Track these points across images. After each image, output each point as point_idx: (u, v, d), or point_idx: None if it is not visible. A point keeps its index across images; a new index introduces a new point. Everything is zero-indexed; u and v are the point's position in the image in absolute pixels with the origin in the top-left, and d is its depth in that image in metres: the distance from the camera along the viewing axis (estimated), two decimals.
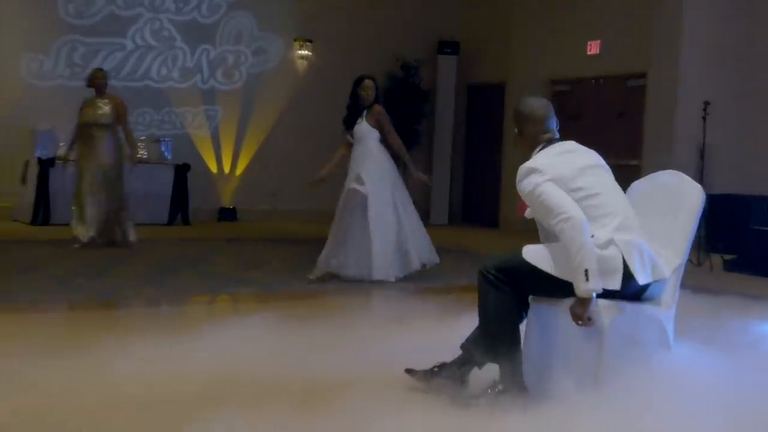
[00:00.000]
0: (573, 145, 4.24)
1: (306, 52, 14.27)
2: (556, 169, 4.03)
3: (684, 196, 4.33)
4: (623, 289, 3.94)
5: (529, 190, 4.03)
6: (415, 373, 4.28)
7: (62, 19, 12.69)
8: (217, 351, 4.83)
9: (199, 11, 13.60)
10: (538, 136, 4.23)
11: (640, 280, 3.95)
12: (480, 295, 4.09)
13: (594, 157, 4.24)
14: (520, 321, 4.14)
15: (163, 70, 13.41)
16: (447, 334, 4.90)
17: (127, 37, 13.15)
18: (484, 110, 15.16)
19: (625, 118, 12.55)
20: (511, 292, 4.03)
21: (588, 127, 12.68)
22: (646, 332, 4.11)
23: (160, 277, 7.96)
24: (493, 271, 4.04)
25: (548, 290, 4.05)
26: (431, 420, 3.85)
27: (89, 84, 10.01)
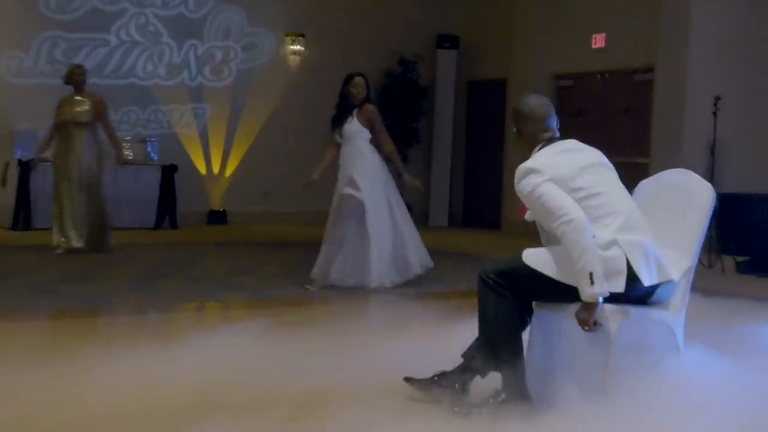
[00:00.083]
0: (574, 144, 4.25)
1: (298, 47, 14.27)
2: (556, 169, 4.04)
3: (693, 196, 4.35)
4: (628, 291, 3.95)
5: (528, 191, 4.04)
6: (415, 382, 4.28)
7: (42, 14, 12.68)
8: (207, 359, 4.84)
9: (186, 5, 13.59)
10: (538, 136, 4.24)
11: (645, 282, 3.95)
12: (480, 301, 4.10)
13: (596, 156, 4.25)
14: (522, 327, 4.16)
15: (149, 67, 13.40)
16: (447, 341, 4.92)
17: (111, 33, 13.13)
18: (485, 107, 15.17)
19: (632, 114, 12.57)
20: (512, 298, 4.04)
21: (593, 124, 12.70)
22: (655, 337, 4.12)
23: (148, 283, 7.97)
24: (493, 276, 4.05)
25: (551, 295, 4.06)
26: (431, 430, 3.86)
27: (67, 81, 9.98)
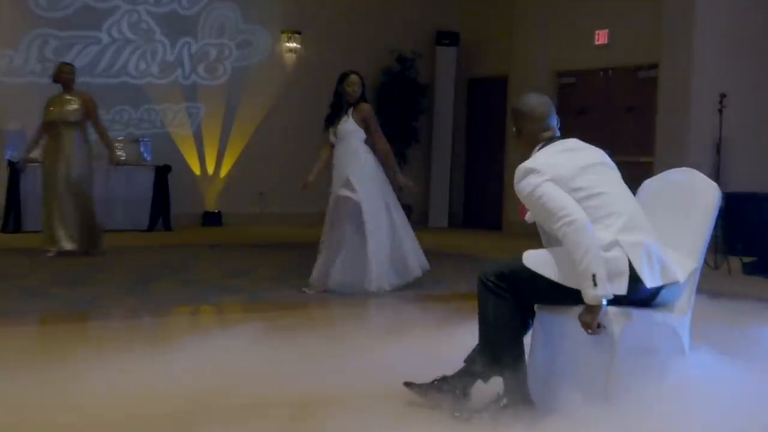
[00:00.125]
0: (575, 143, 4.25)
1: (294, 44, 14.27)
2: (556, 169, 4.03)
3: (698, 195, 4.35)
4: (631, 294, 3.94)
5: (528, 191, 4.04)
6: (415, 387, 4.27)
7: (32, 11, 12.66)
8: (202, 364, 4.84)
9: (180, 2, 13.58)
10: (538, 135, 4.24)
11: (648, 283, 3.95)
12: (480, 303, 4.10)
13: (598, 155, 4.25)
14: (524, 330, 4.16)
15: (142, 65, 13.40)
16: (447, 345, 4.92)
17: (103, 30, 13.13)
18: (485, 105, 15.18)
19: (636, 112, 12.57)
20: (513, 300, 4.04)
21: (596, 122, 12.72)
22: (659, 341, 4.12)
23: (141, 287, 7.97)
24: (493, 278, 4.05)
25: (552, 298, 4.06)
26: None
27: (55, 79, 9.94)
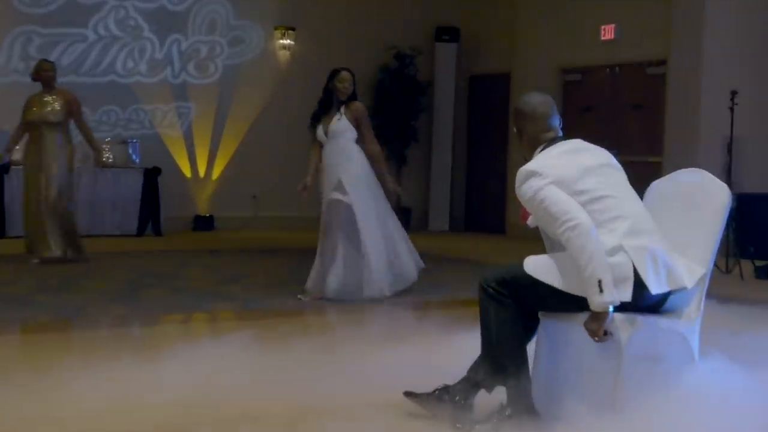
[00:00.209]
0: (578, 144, 4.26)
1: (288, 41, 14.28)
2: (558, 171, 4.04)
3: (708, 197, 4.35)
4: (637, 300, 3.95)
5: (530, 195, 4.04)
6: (415, 397, 4.28)
7: (15, 7, 12.68)
8: (193, 373, 4.84)
9: None
10: (540, 136, 4.25)
11: (653, 289, 3.95)
12: (481, 311, 4.11)
13: (602, 156, 4.25)
14: (528, 338, 4.17)
15: (130, 64, 13.41)
16: (448, 353, 4.93)
17: (89, 27, 13.14)
18: (487, 103, 15.18)
19: (644, 110, 12.58)
20: (515, 307, 4.05)
21: (602, 121, 12.74)
22: (668, 348, 4.13)
23: (130, 294, 7.98)
24: (494, 284, 4.06)
25: (555, 304, 4.07)
26: None
27: (35, 77, 9.83)
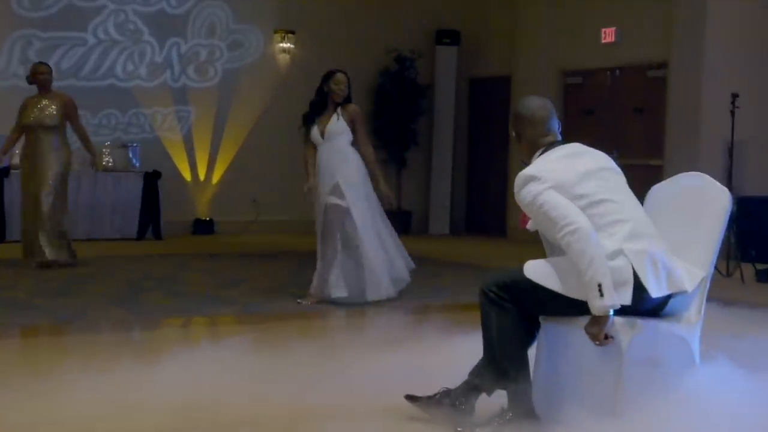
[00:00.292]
0: (577, 148, 4.28)
1: (288, 44, 14.28)
2: (557, 175, 4.05)
3: (709, 201, 4.37)
4: (638, 304, 3.96)
5: (529, 200, 4.06)
6: (416, 400, 4.30)
7: (14, 11, 12.68)
8: (192, 377, 4.85)
9: (168, 1, 13.59)
10: (539, 140, 4.27)
11: (653, 293, 3.97)
12: (482, 315, 4.13)
13: (601, 159, 4.27)
14: (529, 342, 4.18)
15: (129, 67, 13.41)
16: (448, 357, 4.94)
17: (89, 31, 13.14)
18: (487, 106, 15.18)
19: (645, 113, 12.58)
20: (515, 311, 4.06)
21: (603, 124, 12.75)
22: (669, 352, 4.14)
23: (130, 298, 7.99)
24: (495, 289, 4.08)
25: (556, 309, 4.08)
26: None
27: (31, 80, 9.80)
